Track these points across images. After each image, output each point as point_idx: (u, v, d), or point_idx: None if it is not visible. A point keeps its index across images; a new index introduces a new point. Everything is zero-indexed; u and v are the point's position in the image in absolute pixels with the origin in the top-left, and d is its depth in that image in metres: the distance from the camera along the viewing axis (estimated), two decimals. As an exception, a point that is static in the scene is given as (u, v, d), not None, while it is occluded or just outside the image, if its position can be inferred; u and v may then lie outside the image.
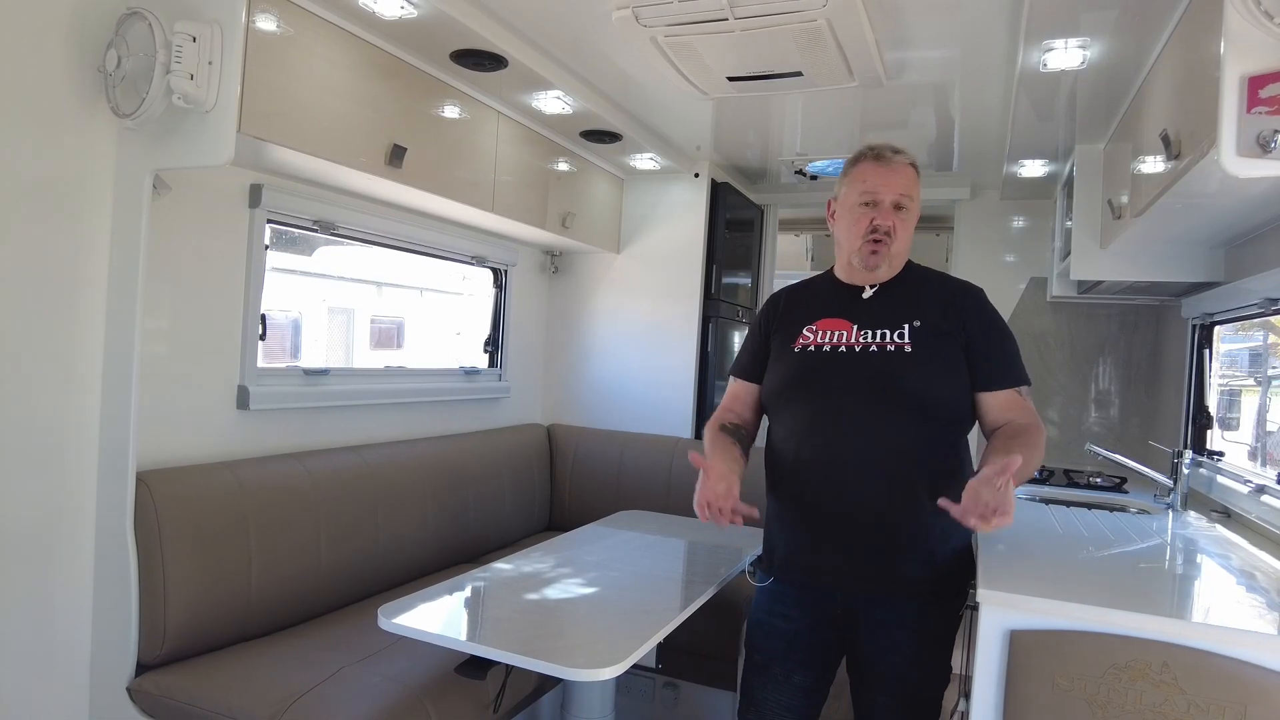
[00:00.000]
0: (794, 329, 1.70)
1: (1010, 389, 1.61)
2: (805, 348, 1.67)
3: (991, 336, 1.63)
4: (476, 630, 1.64)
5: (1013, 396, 1.61)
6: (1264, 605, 1.41)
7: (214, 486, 1.94)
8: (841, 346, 1.63)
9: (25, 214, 1.64)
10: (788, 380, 1.68)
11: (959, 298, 1.66)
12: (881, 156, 1.64)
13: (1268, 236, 2.04)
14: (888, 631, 1.57)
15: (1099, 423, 3.40)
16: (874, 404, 1.58)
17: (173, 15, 1.62)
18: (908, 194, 1.63)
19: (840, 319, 1.66)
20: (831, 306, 1.69)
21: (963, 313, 1.63)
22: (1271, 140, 1.28)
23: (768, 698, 1.67)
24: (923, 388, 1.57)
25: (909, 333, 1.60)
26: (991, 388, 1.60)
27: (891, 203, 1.61)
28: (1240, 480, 2.13)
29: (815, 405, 1.63)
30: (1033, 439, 1.53)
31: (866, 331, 1.63)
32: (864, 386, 1.59)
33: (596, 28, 2.08)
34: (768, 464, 1.72)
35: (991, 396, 1.61)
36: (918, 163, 1.68)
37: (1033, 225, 3.56)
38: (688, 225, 3.42)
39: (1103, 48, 1.93)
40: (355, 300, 5.61)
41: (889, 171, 1.63)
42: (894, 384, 1.57)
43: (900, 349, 1.59)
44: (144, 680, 1.76)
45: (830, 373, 1.62)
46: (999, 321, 1.66)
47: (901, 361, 1.58)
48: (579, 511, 3.16)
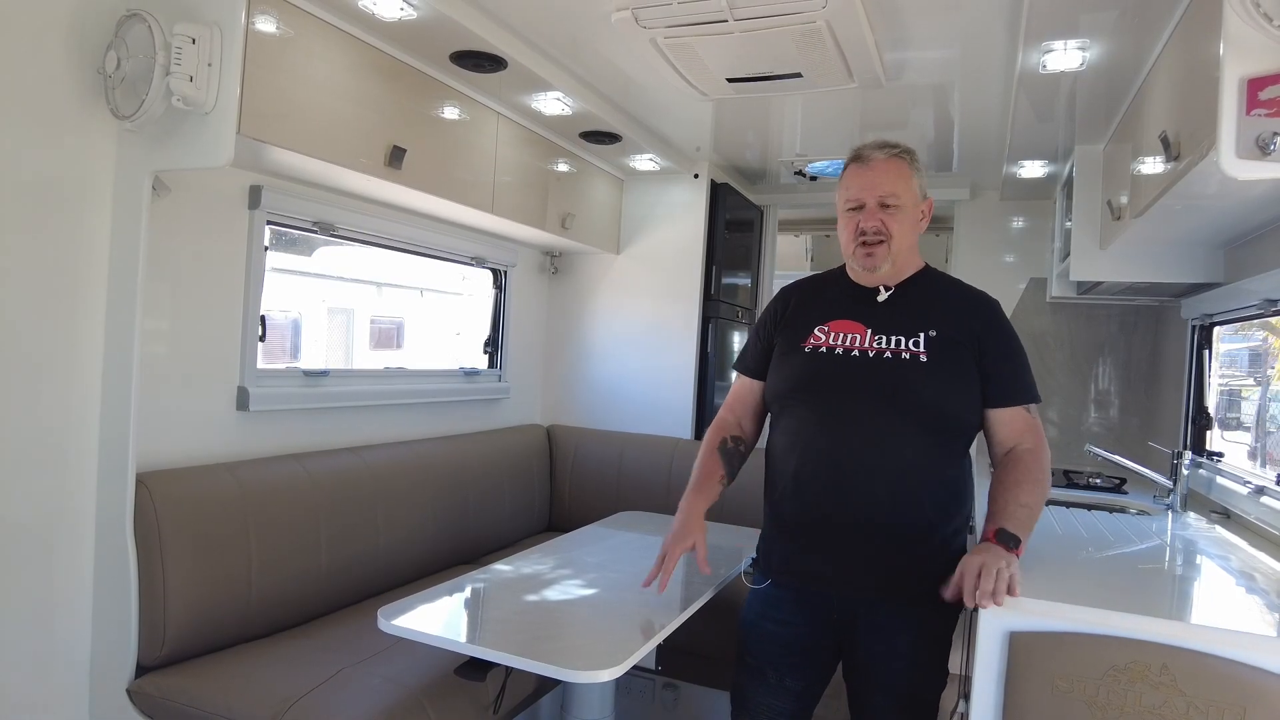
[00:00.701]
0: (805, 327, 1.66)
1: (1020, 406, 1.58)
2: (816, 348, 1.63)
3: (1005, 351, 1.59)
4: (476, 632, 1.64)
5: (1021, 415, 1.58)
6: (1263, 607, 1.41)
7: (214, 488, 1.94)
8: (855, 350, 1.59)
9: (25, 216, 1.65)
10: (795, 381, 1.64)
11: (975, 308, 1.63)
12: (861, 158, 1.62)
13: (1267, 238, 2.05)
14: (886, 636, 1.56)
15: (1098, 423, 3.40)
16: (884, 413, 1.55)
17: (172, 17, 1.62)
18: (892, 191, 1.57)
19: (854, 321, 1.62)
20: (845, 307, 1.65)
21: (978, 325, 1.60)
22: (1271, 142, 1.28)
23: (760, 701, 1.66)
24: (937, 400, 1.54)
25: (924, 342, 1.56)
26: (1002, 404, 1.58)
27: (876, 203, 1.58)
28: (1240, 481, 2.13)
29: (822, 409, 1.59)
30: (1034, 475, 1.53)
31: (881, 337, 1.59)
32: (875, 394, 1.55)
33: (596, 29, 2.08)
34: (768, 465, 1.69)
35: (1001, 413, 1.58)
36: (911, 151, 1.62)
37: (1032, 226, 3.56)
38: (687, 226, 3.43)
39: (1102, 49, 1.93)
40: (355, 300, 5.61)
41: (868, 171, 1.60)
42: (907, 395, 1.54)
43: (915, 358, 1.55)
44: (144, 682, 1.76)
45: (841, 377, 1.59)
46: (1013, 336, 1.63)
47: (916, 372, 1.55)
48: (579, 512, 3.16)
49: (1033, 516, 1.49)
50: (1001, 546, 1.41)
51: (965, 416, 1.58)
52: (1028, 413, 1.59)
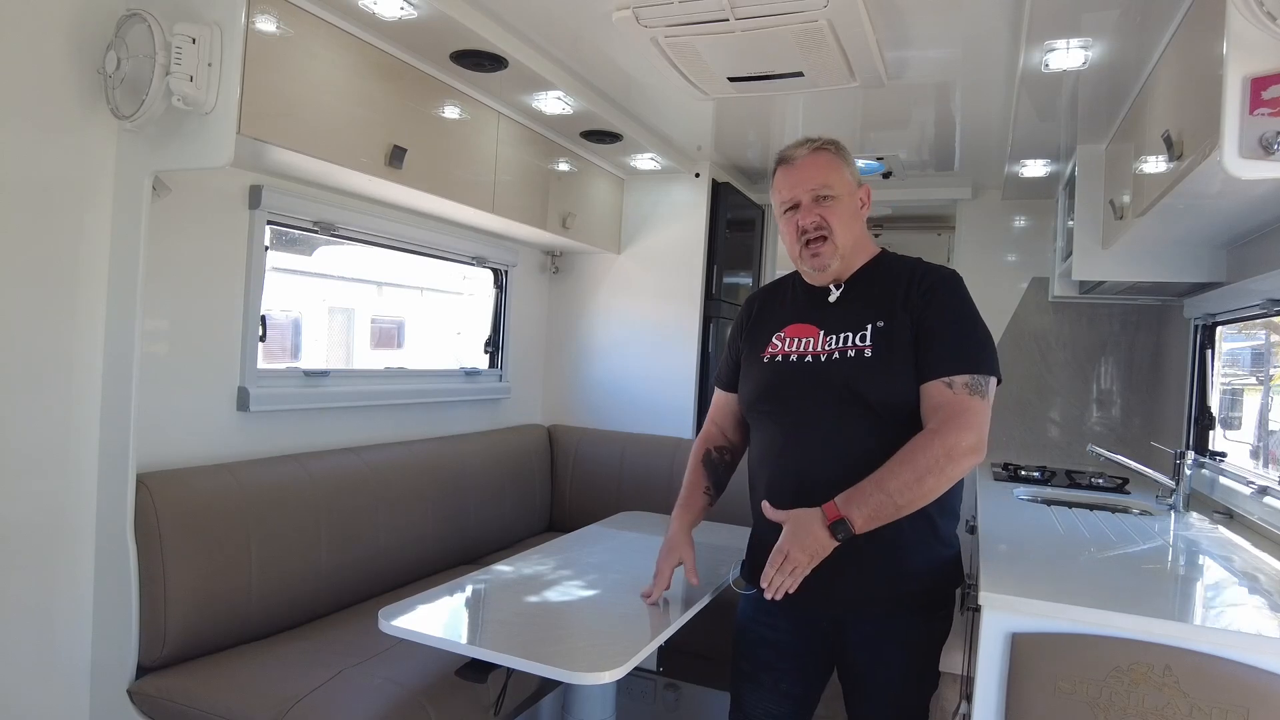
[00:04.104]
0: (764, 336, 1.64)
1: (935, 380, 1.44)
2: (774, 357, 1.60)
3: (935, 324, 1.47)
4: (477, 633, 1.64)
5: (935, 390, 1.44)
6: (1267, 608, 1.40)
7: (214, 488, 1.94)
8: (808, 356, 1.55)
9: (25, 216, 1.64)
10: (757, 393, 1.62)
11: (921, 286, 1.51)
12: (786, 159, 1.59)
13: (1270, 237, 2.04)
14: (875, 646, 1.54)
15: (1101, 423, 3.39)
16: (839, 416, 1.50)
17: (172, 17, 1.62)
18: (823, 182, 1.53)
19: (808, 324, 1.59)
20: (800, 310, 1.62)
21: (918, 302, 1.50)
22: (1274, 142, 1.27)
23: (757, 705, 1.65)
24: (888, 395, 1.47)
25: (871, 334, 1.50)
26: (920, 380, 1.46)
27: (811, 198, 1.54)
28: (1243, 481, 2.12)
29: (785, 419, 1.57)
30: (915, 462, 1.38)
31: (831, 337, 1.54)
32: (828, 398, 1.51)
33: (597, 28, 2.08)
34: (749, 475, 1.68)
35: (923, 389, 1.46)
36: (835, 142, 1.58)
37: (1034, 225, 3.56)
38: (688, 225, 3.42)
39: (1105, 48, 1.93)
40: (355, 300, 5.60)
41: (795, 170, 1.57)
42: (854, 393, 1.48)
43: (860, 353, 1.50)
44: (144, 683, 1.76)
45: (797, 385, 1.55)
46: (950, 306, 1.49)
47: (860, 368, 1.49)
48: (580, 512, 3.16)
49: (889, 505, 1.38)
50: (826, 529, 1.39)
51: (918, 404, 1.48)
52: (946, 387, 1.43)
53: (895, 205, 3.69)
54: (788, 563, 1.41)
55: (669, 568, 1.68)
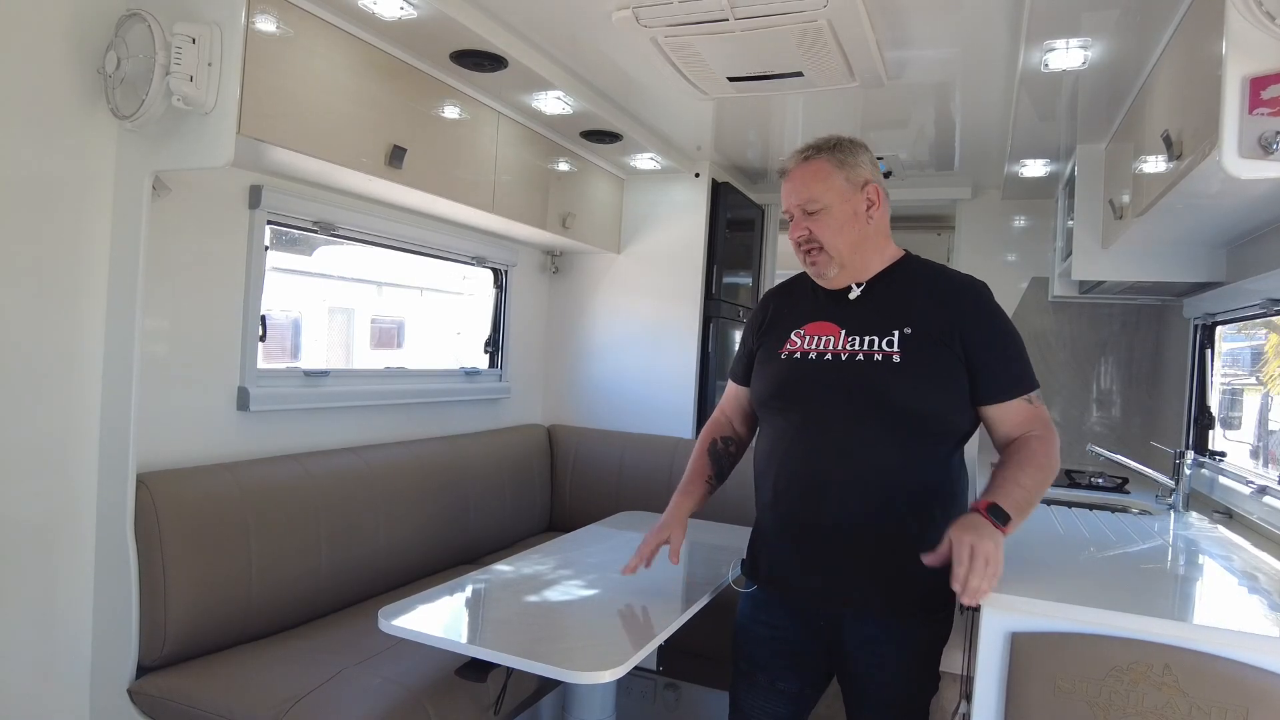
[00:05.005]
0: (783, 332, 1.63)
1: (1018, 398, 1.49)
2: (792, 354, 1.59)
3: (992, 341, 1.50)
4: (477, 632, 1.64)
5: (1020, 408, 1.49)
6: (1266, 607, 1.41)
7: (214, 488, 1.94)
8: (828, 354, 1.54)
9: (25, 215, 1.64)
10: (773, 390, 1.61)
11: (953, 298, 1.53)
12: (781, 170, 1.60)
13: (1269, 237, 2.04)
14: (873, 646, 1.53)
15: (1100, 423, 3.39)
16: (859, 418, 1.49)
17: (172, 17, 1.62)
18: (809, 196, 1.53)
19: (828, 323, 1.57)
20: (821, 308, 1.61)
21: (957, 315, 1.50)
22: (1273, 141, 1.28)
23: (754, 704, 1.65)
24: (912, 403, 1.47)
25: (899, 340, 1.49)
26: (996, 400, 1.49)
27: (800, 212, 1.55)
28: (1242, 481, 2.12)
29: (799, 418, 1.56)
30: (1039, 459, 1.44)
31: (854, 338, 1.53)
32: (848, 399, 1.50)
33: (596, 28, 2.08)
34: (755, 471, 1.67)
35: (996, 409, 1.50)
36: (830, 144, 1.56)
37: (1034, 225, 3.56)
38: (688, 225, 3.42)
39: (1104, 48, 1.93)
40: (355, 300, 5.60)
41: (787, 182, 1.57)
42: (880, 398, 1.47)
43: (888, 359, 1.49)
44: (144, 682, 1.76)
45: (815, 383, 1.54)
46: (1000, 322, 1.53)
47: (889, 374, 1.48)
48: (579, 512, 3.16)
49: (1029, 500, 1.41)
50: (990, 522, 1.34)
51: (948, 417, 1.50)
52: (1028, 403, 1.49)
53: (895, 205, 3.67)
54: (978, 557, 1.29)
55: (655, 543, 1.68)
